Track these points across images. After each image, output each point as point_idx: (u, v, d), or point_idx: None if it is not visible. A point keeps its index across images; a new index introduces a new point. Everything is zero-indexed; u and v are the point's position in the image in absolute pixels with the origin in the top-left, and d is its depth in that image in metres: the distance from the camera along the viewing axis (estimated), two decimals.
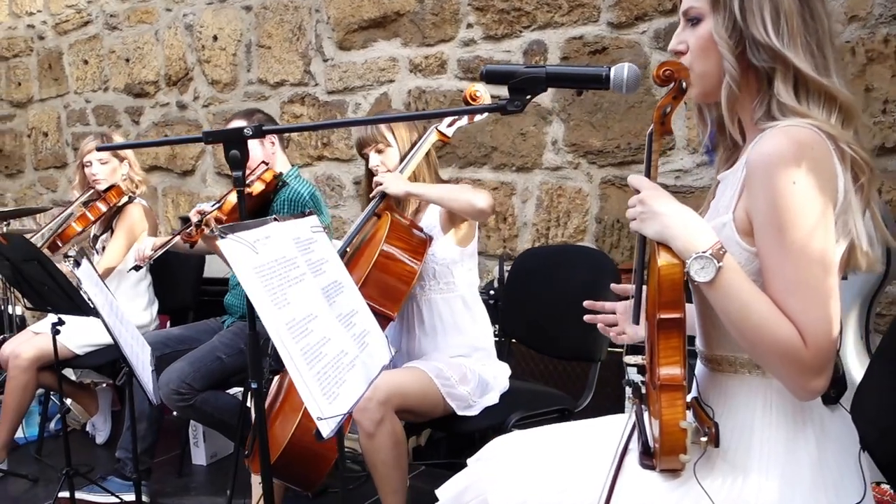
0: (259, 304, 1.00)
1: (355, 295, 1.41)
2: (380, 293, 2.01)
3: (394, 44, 3.62)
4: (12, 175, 5.39)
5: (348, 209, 3.90)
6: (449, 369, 2.05)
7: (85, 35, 4.75)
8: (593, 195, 3.19)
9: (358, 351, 1.24)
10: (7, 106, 5.30)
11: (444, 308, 2.19)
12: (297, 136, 4.00)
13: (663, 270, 1.08)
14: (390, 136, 2.24)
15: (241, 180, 1.31)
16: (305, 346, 1.07)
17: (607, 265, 2.37)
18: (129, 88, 4.59)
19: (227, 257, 0.99)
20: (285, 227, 1.23)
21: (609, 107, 3.08)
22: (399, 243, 2.06)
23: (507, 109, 1.17)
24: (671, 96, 1.15)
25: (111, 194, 3.00)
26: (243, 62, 4.12)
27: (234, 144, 1.28)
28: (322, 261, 1.32)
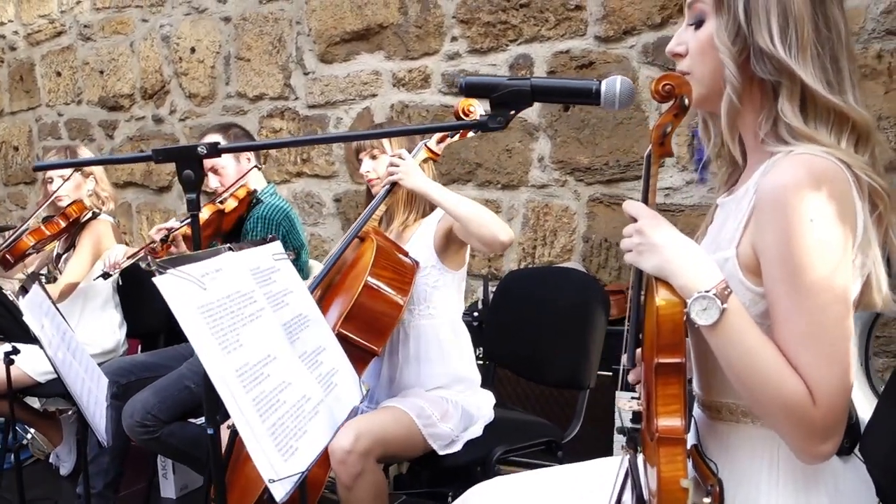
0: (203, 350, 0.87)
1: (323, 329, 1.28)
2: (364, 328, 1.85)
3: (377, 57, 3.52)
4: None
5: (328, 227, 3.78)
6: (430, 406, 1.92)
7: (58, 46, 4.61)
8: (580, 214, 3.09)
9: (323, 394, 1.12)
10: None
11: (430, 335, 2.05)
12: (275, 152, 3.87)
13: (662, 310, 0.96)
14: (386, 143, 2.12)
15: (196, 204, 1.18)
16: (259, 394, 0.95)
17: (595, 288, 2.26)
18: (104, 101, 4.45)
19: (166, 296, 0.86)
20: (242, 256, 1.10)
21: (597, 123, 2.98)
22: (385, 273, 1.90)
23: (488, 126, 1.05)
24: (672, 114, 1.03)
25: (72, 210, 2.85)
26: (222, 75, 4.00)
27: (188, 164, 1.15)
28: (284, 292, 1.20)
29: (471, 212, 1.86)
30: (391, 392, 2.03)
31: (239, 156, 2.65)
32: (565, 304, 2.27)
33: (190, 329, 0.87)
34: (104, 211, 3.03)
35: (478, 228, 1.85)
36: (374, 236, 1.96)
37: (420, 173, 1.95)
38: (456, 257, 2.08)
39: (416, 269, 1.96)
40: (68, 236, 3.00)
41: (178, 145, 1.15)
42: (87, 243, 2.90)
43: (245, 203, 2.59)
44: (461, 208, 1.86)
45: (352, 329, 1.82)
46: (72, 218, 2.86)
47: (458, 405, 1.97)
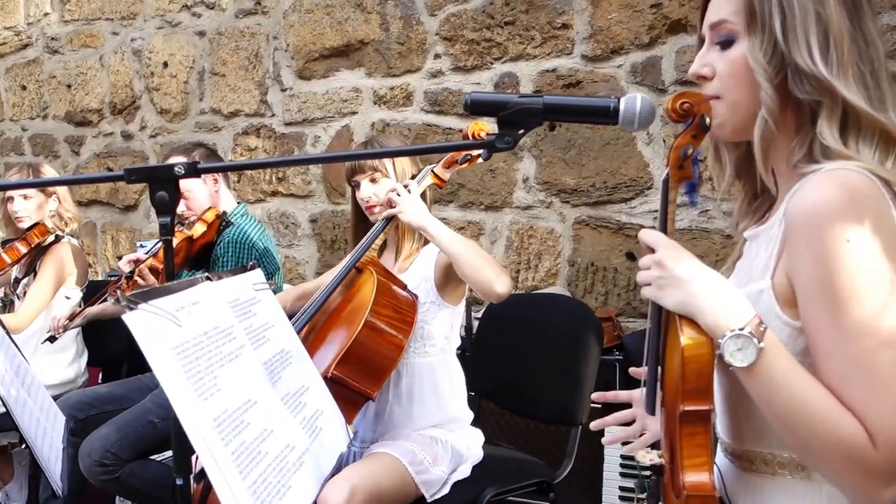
0: (178, 399, 0.75)
1: (305, 366, 1.17)
2: (361, 370, 1.69)
3: (357, 73, 3.42)
4: None
5: (303, 249, 3.65)
6: (422, 450, 1.79)
7: (24, 59, 4.45)
8: (566, 236, 3.01)
9: (308, 441, 1.00)
10: None
11: (425, 373, 1.90)
12: (251, 171, 3.75)
13: (688, 351, 0.86)
14: (389, 166, 1.96)
15: (170, 228, 1.06)
16: (239, 446, 0.83)
17: (586, 315, 2.17)
18: (70, 116, 4.29)
19: (137, 336, 0.74)
20: (220, 287, 0.99)
21: (583, 143, 2.91)
22: (386, 311, 1.74)
23: (495, 146, 0.96)
24: (690, 135, 0.94)
25: (33, 233, 2.69)
26: (195, 90, 3.87)
27: (162, 185, 1.04)
28: (265, 326, 1.08)
29: (469, 256, 1.74)
30: (376, 429, 1.91)
31: (206, 177, 2.51)
32: (555, 333, 2.18)
33: (164, 374, 0.75)
34: (67, 232, 2.88)
35: (474, 274, 1.73)
36: (373, 269, 1.81)
37: (421, 208, 1.81)
38: (455, 292, 1.95)
39: (416, 305, 1.81)
40: (29, 261, 2.84)
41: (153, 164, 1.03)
42: (49, 269, 2.75)
43: (214, 227, 2.46)
44: (459, 251, 1.74)
45: (347, 372, 1.67)
46: (33, 243, 2.71)
47: (449, 446, 1.85)
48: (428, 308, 1.89)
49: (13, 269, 2.90)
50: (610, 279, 2.93)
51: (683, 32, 2.74)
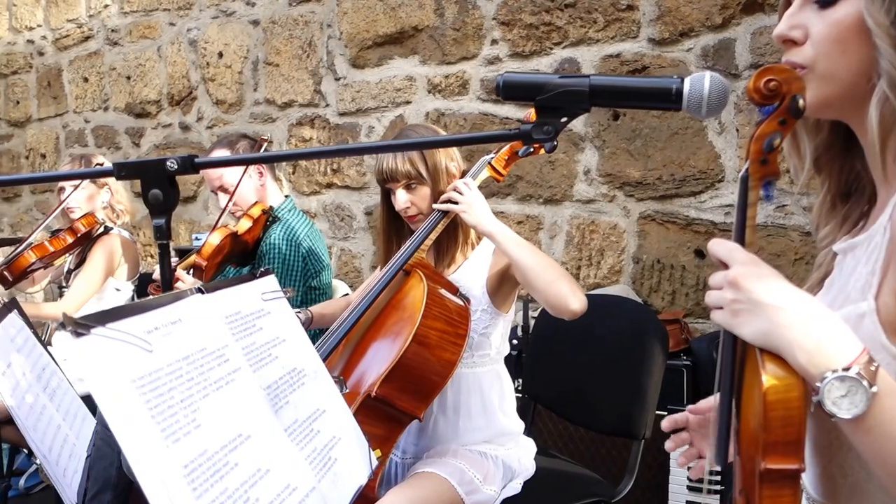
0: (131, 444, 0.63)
1: (323, 385, 1.04)
2: (407, 390, 1.51)
3: (411, 61, 3.29)
4: (9, 199, 5.13)
5: (359, 242, 3.55)
6: (471, 467, 1.63)
7: (85, 51, 4.49)
8: (630, 232, 2.81)
9: (315, 479, 0.87)
10: (5, 125, 5.05)
11: (472, 385, 1.73)
12: (306, 163, 3.67)
13: (773, 394, 0.68)
14: (424, 170, 1.72)
15: (165, 231, 0.95)
16: (219, 495, 0.70)
17: (651, 321, 1.98)
18: (130, 108, 4.31)
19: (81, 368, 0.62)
20: (214, 300, 0.86)
21: (650, 133, 2.71)
22: (437, 324, 1.54)
23: (531, 137, 0.80)
24: (777, 121, 0.76)
25: (80, 223, 2.67)
26: (250, 81, 3.81)
27: (155, 182, 0.92)
28: (273, 342, 0.95)
29: (541, 268, 1.54)
30: (420, 442, 1.77)
31: (249, 170, 2.43)
32: (616, 337, 2.00)
33: (113, 415, 0.63)
34: (118, 225, 2.85)
35: (546, 288, 1.53)
36: (423, 273, 1.63)
37: (486, 209, 1.62)
38: (508, 299, 1.78)
39: (469, 314, 1.63)
40: (80, 251, 2.83)
41: (144, 159, 0.92)
42: (96, 259, 2.73)
43: (261, 222, 2.37)
44: (530, 262, 1.55)
45: (392, 391, 1.50)
46: (79, 233, 2.68)
47: (500, 461, 1.70)
48: (479, 316, 1.72)
49: (66, 259, 2.89)
50: (677, 277, 2.72)
51: (760, 12, 2.49)
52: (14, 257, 2.61)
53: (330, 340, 1.63)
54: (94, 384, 0.62)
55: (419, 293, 1.57)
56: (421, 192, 1.74)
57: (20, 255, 2.58)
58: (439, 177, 1.73)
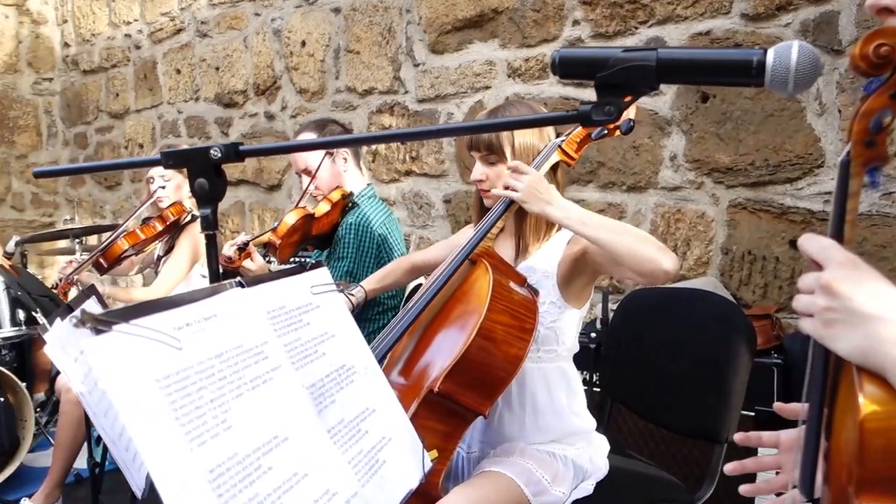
0: (150, 447, 0.60)
1: (375, 383, 1.00)
2: (471, 385, 1.45)
3: (491, 45, 3.21)
4: (111, 187, 5.38)
5: (437, 230, 3.52)
6: (539, 467, 1.56)
7: (178, 43, 4.63)
8: (719, 221, 2.65)
9: (358, 483, 0.83)
10: (106, 117, 5.29)
11: (538, 381, 1.66)
12: (385, 150, 3.66)
13: (872, 422, 0.58)
14: (508, 151, 1.65)
15: (212, 222, 0.93)
16: (248, 502, 0.67)
17: (737, 318, 1.84)
18: (219, 98, 4.42)
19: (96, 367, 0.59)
20: (255, 294, 0.83)
21: (741, 115, 2.54)
22: (503, 318, 1.47)
23: (591, 118, 0.72)
24: (888, 94, 0.65)
25: (169, 212, 2.75)
26: (331, 69, 3.83)
27: (201, 170, 0.90)
28: (320, 338, 0.92)
29: (619, 236, 1.42)
30: (485, 437, 1.71)
31: (334, 155, 2.43)
32: (698, 334, 1.88)
33: (132, 417, 0.60)
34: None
35: (632, 254, 1.40)
36: (489, 263, 1.56)
37: (548, 193, 1.51)
38: (582, 293, 1.68)
39: (536, 306, 1.54)
40: (169, 238, 2.92)
41: (189, 147, 0.89)
42: (183, 246, 2.81)
43: (339, 207, 2.38)
44: (604, 233, 1.43)
45: (456, 387, 1.44)
46: (168, 221, 2.76)
47: (570, 461, 1.62)
48: (547, 309, 1.63)
49: (156, 246, 2.99)
50: (770, 270, 2.54)
51: None
52: (108, 245, 2.71)
53: (394, 331, 1.60)
54: (109, 383, 0.60)
55: (484, 285, 1.50)
56: (498, 170, 1.67)
57: (114, 243, 2.68)
58: (521, 157, 1.64)
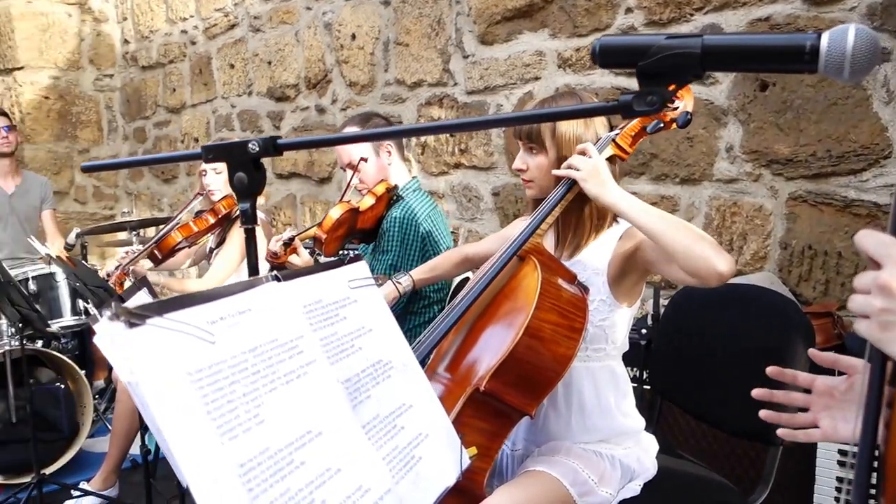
0: (180, 442, 0.60)
1: (412, 378, 0.99)
2: (518, 385, 1.42)
3: (541, 35, 3.16)
4: (168, 180, 5.51)
5: (486, 223, 3.49)
6: (586, 467, 1.53)
7: (231, 38, 4.70)
8: (778, 214, 2.56)
9: (391, 480, 0.82)
10: (164, 112, 5.42)
11: (586, 380, 1.62)
12: (434, 143, 3.65)
13: None
14: (550, 143, 1.62)
15: (251, 216, 0.93)
16: (278, 497, 0.66)
17: (795, 316, 1.78)
18: (271, 92, 4.47)
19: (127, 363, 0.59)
20: (291, 289, 0.83)
21: (802, 104, 2.44)
22: (552, 316, 1.43)
23: (632, 109, 0.69)
24: None
25: (221, 205, 2.80)
26: (381, 61, 3.84)
27: (240, 165, 0.90)
28: (357, 333, 0.91)
29: (676, 232, 1.38)
30: (530, 436, 1.69)
31: (379, 149, 2.43)
32: (753, 331, 1.82)
33: (162, 411, 0.60)
34: None
35: (687, 252, 1.36)
36: (537, 259, 1.52)
37: (609, 178, 1.48)
38: (632, 290, 1.64)
39: (586, 305, 1.50)
40: (220, 231, 2.97)
41: (229, 141, 0.89)
42: (235, 239, 2.85)
43: (384, 201, 2.38)
44: (662, 226, 1.39)
45: (502, 386, 1.41)
46: (220, 214, 2.81)
47: (617, 461, 1.59)
48: (597, 307, 1.59)
49: (208, 238, 3.05)
50: (832, 266, 2.44)
51: None
52: (162, 237, 2.77)
53: (441, 327, 1.58)
54: (141, 377, 0.60)
55: (533, 283, 1.47)
56: (538, 161, 1.65)
57: (168, 235, 2.74)
58: (564, 148, 1.61)
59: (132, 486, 2.97)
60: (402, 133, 1.46)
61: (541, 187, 1.66)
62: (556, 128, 1.60)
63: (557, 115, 1.08)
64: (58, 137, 5.62)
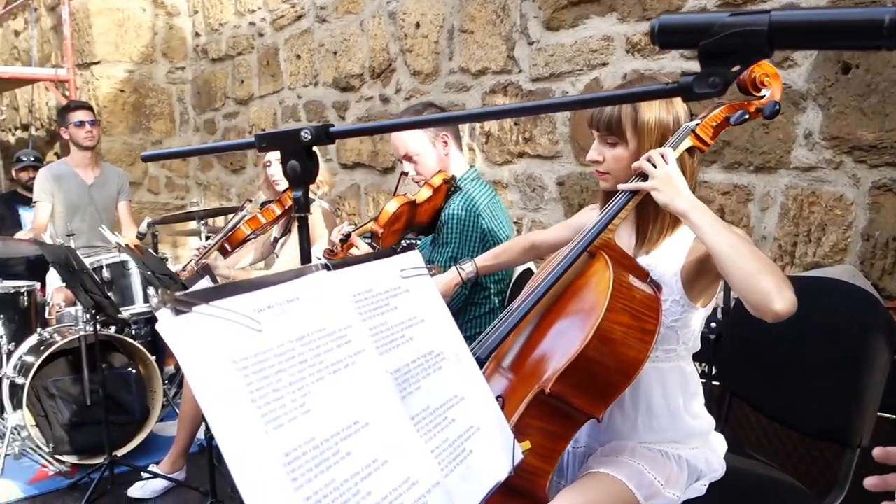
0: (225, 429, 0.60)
1: (465, 370, 0.97)
2: (586, 388, 1.37)
3: (608, 20, 3.09)
4: (237, 171, 5.64)
5: (550, 213, 3.44)
6: (652, 468, 1.48)
7: (298, 29, 4.76)
8: (860, 204, 2.43)
9: (440, 473, 0.80)
10: (232, 104, 5.54)
11: (654, 381, 1.56)
12: (498, 131, 3.62)
13: None
14: (631, 135, 1.54)
15: (303, 203, 0.93)
16: (323, 488, 0.66)
17: (876, 311, 1.68)
18: (337, 82, 4.51)
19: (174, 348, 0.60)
20: (341, 277, 0.82)
21: (889, 87, 2.30)
22: (623, 317, 1.37)
23: (693, 92, 0.65)
24: None
25: (287, 195, 2.84)
26: (445, 50, 3.82)
27: (293, 153, 0.90)
28: (408, 323, 0.90)
29: (741, 258, 1.31)
30: (594, 434, 1.64)
31: (435, 140, 2.41)
32: (831, 326, 1.73)
33: (208, 398, 0.60)
34: (318, 196, 2.99)
35: (746, 283, 1.31)
36: (609, 256, 1.46)
37: (682, 185, 1.41)
38: (707, 290, 1.56)
39: (659, 305, 1.44)
40: (286, 221, 3.02)
41: (282, 129, 0.89)
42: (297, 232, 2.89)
43: (442, 192, 2.36)
44: (728, 250, 1.33)
45: (568, 388, 1.36)
46: (286, 204, 2.85)
47: (684, 461, 1.53)
48: (669, 307, 1.52)
49: (273, 229, 3.10)
50: None
51: None
52: (231, 230, 2.84)
53: (505, 324, 1.54)
54: (189, 365, 0.60)
55: (604, 282, 1.40)
56: (615, 152, 1.57)
57: (237, 228, 2.80)
58: (647, 140, 1.53)
59: (199, 470, 3.05)
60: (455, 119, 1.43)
61: (617, 179, 1.58)
62: (639, 118, 1.53)
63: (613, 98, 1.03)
64: (132, 129, 5.81)
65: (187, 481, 2.98)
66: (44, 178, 4.18)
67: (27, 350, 3.30)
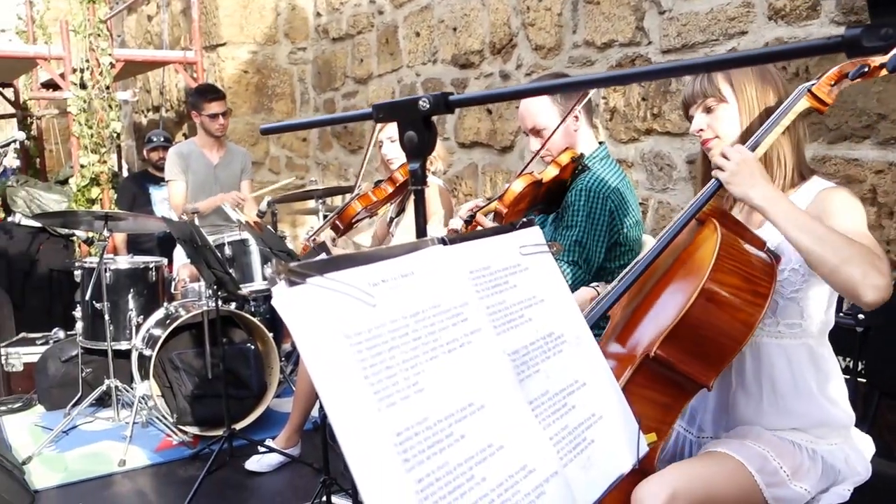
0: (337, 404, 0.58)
1: (587, 354, 0.92)
2: (693, 352, 1.32)
3: None
4: (354, 151, 5.74)
5: (678, 194, 3.28)
6: (778, 456, 1.38)
7: (418, 6, 4.76)
8: None
9: (559, 462, 0.76)
10: (352, 83, 5.62)
11: (778, 359, 1.46)
12: (624, 107, 3.47)
13: None
14: (727, 90, 1.52)
15: (420, 176, 0.90)
16: (435, 470, 0.63)
17: None
18: (456, 59, 4.48)
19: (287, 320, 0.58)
20: (458, 252, 0.78)
21: None
22: (731, 279, 1.33)
23: (860, 45, 0.57)
24: None
25: (399, 173, 2.83)
26: (569, 22, 3.70)
27: (410, 124, 0.87)
28: (527, 302, 0.85)
29: (823, 250, 1.27)
30: (720, 422, 1.55)
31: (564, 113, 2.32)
32: None
33: (321, 372, 0.58)
34: (432, 173, 2.97)
35: (831, 275, 1.27)
36: (718, 222, 1.41)
37: (758, 177, 1.36)
38: None
39: (774, 271, 1.37)
40: (400, 200, 3.01)
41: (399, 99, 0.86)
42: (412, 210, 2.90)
43: (569, 170, 2.26)
44: (809, 244, 1.29)
45: (675, 352, 1.31)
46: (398, 182, 2.84)
47: (819, 456, 1.42)
48: (787, 276, 1.44)
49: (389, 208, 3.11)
50: None
51: None
52: (343, 208, 2.87)
53: (612, 294, 1.49)
54: (302, 337, 0.58)
55: (711, 244, 1.36)
56: (721, 113, 1.53)
57: (348, 206, 2.83)
58: (746, 99, 1.51)
59: (313, 447, 3.11)
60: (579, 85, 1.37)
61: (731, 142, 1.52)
62: (735, 81, 1.51)
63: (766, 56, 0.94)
64: (255, 110, 6.00)
65: (301, 457, 3.07)
66: (174, 157, 4.37)
67: (154, 323, 3.47)
